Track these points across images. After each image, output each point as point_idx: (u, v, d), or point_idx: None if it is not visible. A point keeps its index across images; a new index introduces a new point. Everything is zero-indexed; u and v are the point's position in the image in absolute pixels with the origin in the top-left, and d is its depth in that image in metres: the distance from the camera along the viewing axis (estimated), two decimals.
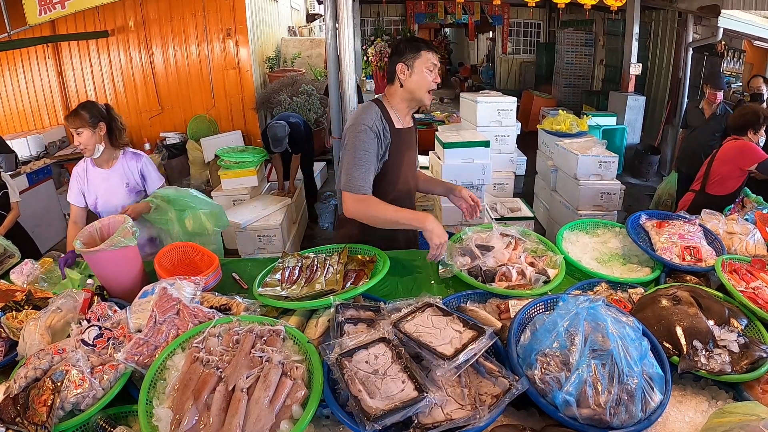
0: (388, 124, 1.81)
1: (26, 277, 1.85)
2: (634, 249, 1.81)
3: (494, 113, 4.62)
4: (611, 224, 2.00)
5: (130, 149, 2.40)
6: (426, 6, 10.24)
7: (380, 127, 1.78)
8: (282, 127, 4.24)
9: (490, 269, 1.62)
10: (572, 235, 1.96)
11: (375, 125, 1.75)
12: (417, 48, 1.77)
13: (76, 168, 2.32)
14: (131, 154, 2.38)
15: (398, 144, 1.85)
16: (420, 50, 1.76)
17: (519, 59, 11.29)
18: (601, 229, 2.01)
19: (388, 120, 1.82)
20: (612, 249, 1.87)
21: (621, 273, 1.71)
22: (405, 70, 1.78)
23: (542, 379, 1.04)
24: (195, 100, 6.58)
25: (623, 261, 1.80)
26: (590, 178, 3.98)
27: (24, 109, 6.69)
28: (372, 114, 1.77)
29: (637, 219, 1.96)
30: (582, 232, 1.99)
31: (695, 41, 6.06)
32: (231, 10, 6.21)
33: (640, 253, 1.79)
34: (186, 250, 1.88)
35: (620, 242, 1.89)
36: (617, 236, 1.93)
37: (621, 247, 1.87)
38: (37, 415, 1.01)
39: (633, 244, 1.80)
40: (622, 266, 1.76)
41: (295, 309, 1.42)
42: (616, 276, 1.65)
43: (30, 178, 4.48)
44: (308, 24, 10.36)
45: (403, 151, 1.90)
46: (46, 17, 4.75)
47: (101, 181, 2.29)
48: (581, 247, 1.90)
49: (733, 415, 0.97)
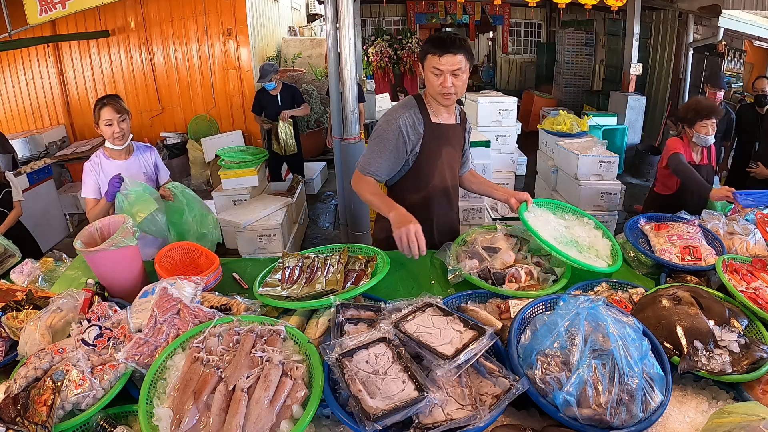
0: (424, 118, 1.83)
1: (27, 277, 1.85)
2: (595, 242, 1.74)
3: (495, 113, 4.62)
4: (581, 213, 1.89)
5: (140, 142, 2.53)
6: (427, 6, 10.23)
7: (411, 120, 1.81)
8: (270, 64, 4.72)
9: (499, 271, 1.61)
10: (538, 210, 1.83)
11: (405, 118, 1.80)
12: (425, 51, 1.75)
13: (89, 163, 2.33)
14: (143, 146, 2.50)
15: (433, 138, 1.85)
16: (426, 53, 1.74)
17: (519, 59, 11.28)
18: (569, 215, 1.90)
19: (424, 114, 1.83)
20: (573, 235, 1.76)
21: (576, 257, 1.62)
22: (421, 71, 1.80)
23: (543, 379, 1.04)
24: (195, 100, 6.58)
25: (580, 249, 1.70)
26: (591, 178, 3.98)
27: (24, 109, 6.69)
28: (406, 107, 1.83)
29: (636, 222, 1.96)
30: (549, 211, 1.87)
31: (696, 41, 6.06)
32: (231, 9, 6.21)
33: (601, 247, 1.72)
34: (186, 250, 1.88)
35: (585, 233, 1.78)
36: (584, 226, 1.83)
37: (584, 237, 1.76)
38: (37, 414, 1.01)
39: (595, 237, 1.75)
40: (579, 253, 1.66)
41: (296, 309, 1.42)
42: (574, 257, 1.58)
43: (30, 178, 4.49)
44: (309, 24, 10.37)
45: (440, 146, 1.88)
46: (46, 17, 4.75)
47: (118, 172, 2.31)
48: (543, 222, 1.77)
49: (733, 415, 0.97)
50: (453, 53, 1.67)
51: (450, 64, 1.69)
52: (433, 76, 1.73)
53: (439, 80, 1.72)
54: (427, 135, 1.83)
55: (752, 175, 3.68)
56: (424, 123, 1.83)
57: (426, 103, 1.86)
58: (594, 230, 1.80)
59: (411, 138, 1.82)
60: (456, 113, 1.95)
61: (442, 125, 1.88)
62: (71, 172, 5.59)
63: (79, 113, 6.60)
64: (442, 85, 1.73)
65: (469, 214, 3.97)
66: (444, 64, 1.69)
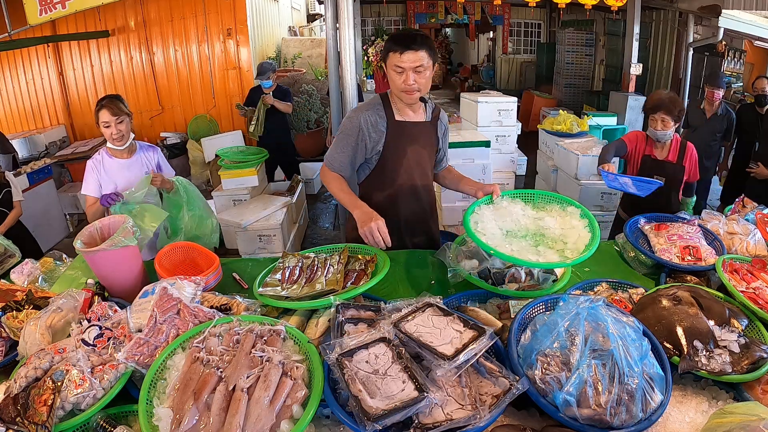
0: (387, 116, 1.82)
1: (27, 277, 1.86)
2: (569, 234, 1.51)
3: (495, 113, 4.63)
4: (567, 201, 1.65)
5: (143, 142, 2.55)
6: (427, 6, 10.23)
7: (373, 118, 1.82)
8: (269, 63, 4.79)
9: (499, 271, 1.61)
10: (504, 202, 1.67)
11: (366, 116, 1.82)
12: (387, 48, 1.72)
13: (92, 161, 2.35)
14: (146, 146, 2.52)
15: (397, 136, 1.85)
16: (388, 51, 1.71)
17: (519, 59, 11.28)
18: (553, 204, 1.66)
19: (388, 112, 1.83)
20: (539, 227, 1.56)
21: (514, 252, 1.44)
22: (385, 69, 1.78)
23: (543, 379, 1.04)
24: (195, 100, 6.58)
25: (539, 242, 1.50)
26: (591, 178, 3.98)
27: (24, 109, 6.69)
28: (369, 105, 1.86)
29: (636, 222, 1.96)
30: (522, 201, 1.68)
31: (696, 41, 6.06)
32: (231, 9, 6.21)
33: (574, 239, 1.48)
34: (186, 250, 1.88)
35: (558, 225, 1.54)
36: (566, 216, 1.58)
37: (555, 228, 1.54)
38: (37, 414, 1.01)
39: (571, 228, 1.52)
40: (533, 247, 1.48)
41: (296, 309, 1.42)
42: (508, 254, 1.41)
43: (30, 178, 4.49)
44: (309, 24, 10.37)
45: (405, 144, 1.87)
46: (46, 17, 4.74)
47: (121, 171, 2.36)
48: (503, 214, 1.61)
49: (733, 415, 0.97)
50: (414, 50, 1.65)
51: (411, 61, 1.66)
52: (396, 73, 1.71)
53: (402, 77, 1.70)
54: (390, 133, 1.83)
55: (752, 175, 3.68)
56: (387, 121, 1.83)
57: (391, 102, 1.85)
58: (576, 220, 1.55)
59: (372, 136, 1.83)
60: (425, 111, 1.92)
61: (407, 123, 1.86)
62: (71, 172, 5.60)
63: (79, 113, 6.60)
64: (404, 83, 1.70)
65: None
66: (406, 61, 1.66)
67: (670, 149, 2.56)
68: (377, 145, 1.84)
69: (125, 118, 2.30)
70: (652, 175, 2.52)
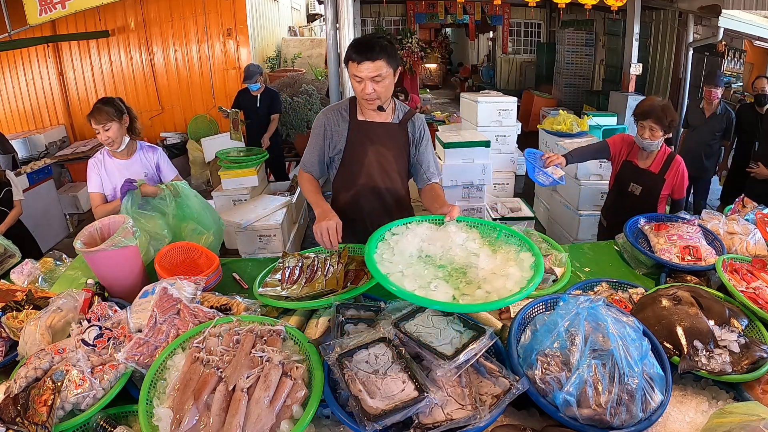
0: (350, 117, 1.85)
1: (26, 277, 1.86)
2: (492, 278, 1.21)
3: (495, 113, 4.62)
4: (529, 247, 1.29)
5: (145, 142, 2.54)
6: (426, 6, 10.23)
7: (336, 117, 1.87)
8: (256, 66, 4.82)
9: None
10: (458, 225, 1.45)
11: (330, 116, 1.88)
12: (347, 56, 1.70)
13: (93, 159, 2.36)
14: (147, 146, 2.52)
15: (358, 136, 1.86)
16: (348, 60, 1.70)
17: (519, 59, 11.28)
18: (512, 245, 1.35)
19: (352, 112, 1.86)
20: (468, 263, 1.27)
21: (406, 276, 1.21)
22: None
23: (543, 379, 1.04)
24: (195, 100, 6.59)
25: (447, 276, 1.22)
26: (591, 178, 3.98)
27: (24, 109, 6.70)
28: (335, 105, 1.92)
29: (636, 222, 1.96)
30: (479, 233, 1.42)
31: (696, 41, 6.06)
32: (231, 10, 6.21)
33: (497, 285, 1.17)
34: (186, 251, 1.88)
35: (490, 269, 1.22)
36: (505, 262, 1.26)
37: (484, 270, 1.23)
38: (37, 414, 1.01)
39: (501, 271, 1.23)
40: (438, 278, 1.20)
41: (296, 309, 1.42)
42: None
43: (30, 178, 4.49)
44: (309, 24, 10.37)
45: (366, 144, 1.87)
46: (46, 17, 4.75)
47: (120, 171, 2.35)
48: (441, 236, 1.38)
49: (733, 415, 0.97)
50: (371, 60, 1.63)
51: (369, 71, 1.64)
52: (355, 82, 1.71)
53: (361, 86, 1.69)
54: (351, 132, 1.86)
55: (752, 175, 3.68)
56: (349, 121, 1.86)
57: (358, 103, 1.87)
58: (517, 271, 1.21)
59: (334, 135, 1.87)
60: (395, 113, 1.89)
61: (368, 123, 1.86)
62: (71, 172, 5.60)
63: (79, 113, 6.61)
64: (363, 92, 1.71)
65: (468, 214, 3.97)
66: (363, 71, 1.65)
67: (655, 159, 2.37)
68: (339, 143, 1.88)
69: (113, 124, 2.25)
70: (629, 183, 2.39)
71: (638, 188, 2.38)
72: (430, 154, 1.97)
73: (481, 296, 1.13)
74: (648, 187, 2.38)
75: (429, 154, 1.96)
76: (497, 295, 1.12)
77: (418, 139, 1.94)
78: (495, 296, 1.12)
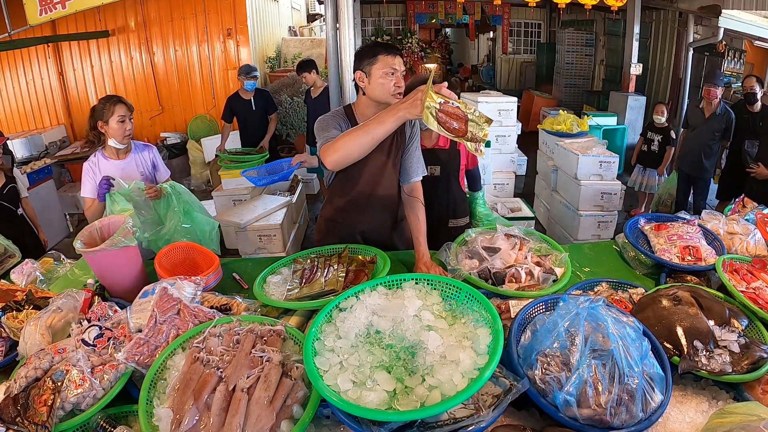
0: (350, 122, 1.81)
1: (26, 277, 1.85)
2: (437, 370, 1.01)
3: (495, 113, 4.62)
4: (493, 318, 1.11)
5: (139, 141, 2.53)
6: (426, 6, 10.23)
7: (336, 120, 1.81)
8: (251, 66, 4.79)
9: (499, 271, 1.61)
10: (417, 286, 1.28)
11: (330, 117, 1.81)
12: (374, 53, 1.72)
13: (87, 163, 2.35)
14: (142, 145, 2.50)
15: None
16: (377, 55, 1.71)
17: (519, 59, 11.28)
18: (469, 314, 1.18)
19: (350, 119, 1.83)
20: (418, 342, 1.09)
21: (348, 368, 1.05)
22: (363, 78, 1.76)
23: (543, 379, 1.04)
24: (195, 100, 6.59)
25: (390, 365, 1.05)
26: (591, 178, 3.98)
27: (24, 109, 6.70)
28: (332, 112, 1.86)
29: (636, 222, 1.96)
30: (440, 295, 1.25)
31: (696, 41, 6.06)
32: (231, 10, 6.21)
33: (446, 374, 1.00)
34: (186, 250, 1.88)
35: (439, 352, 1.06)
36: (459, 341, 1.10)
37: (433, 354, 1.06)
38: (37, 415, 1.01)
39: (443, 359, 1.05)
40: (378, 367, 1.05)
41: (296, 309, 1.42)
42: None
43: (31, 178, 4.49)
44: (309, 24, 10.37)
45: None
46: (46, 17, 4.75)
47: (116, 171, 2.33)
48: (397, 303, 1.21)
49: (733, 415, 0.97)
50: (400, 55, 1.76)
51: (400, 64, 1.74)
52: (388, 76, 1.72)
53: (394, 80, 1.73)
54: None
55: (752, 175, 3.68)
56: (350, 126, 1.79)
57: (354, 114, 1.84)
58: (469, 354, 1.05)
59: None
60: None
61: None
62: (71, 172, 5.60)
63: (79, 113, 6.60)
64: (396, 85, 1.73)
65: None
66: (398, 63, 1.73)
67: (439, 135, 2.22)
68: None
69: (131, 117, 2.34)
70: (428, 167, 2.08)
71: (436, 169, 2.24)
72: (418, 151, 1.97)
73: (421, 394, 0.98)
74: (444, 164, 2.28)
75: (417, 151, 1.97)
76: (439, 393, 0.96)
77: (409, 138, 1.95)
78: (437, 395, 0.96)
